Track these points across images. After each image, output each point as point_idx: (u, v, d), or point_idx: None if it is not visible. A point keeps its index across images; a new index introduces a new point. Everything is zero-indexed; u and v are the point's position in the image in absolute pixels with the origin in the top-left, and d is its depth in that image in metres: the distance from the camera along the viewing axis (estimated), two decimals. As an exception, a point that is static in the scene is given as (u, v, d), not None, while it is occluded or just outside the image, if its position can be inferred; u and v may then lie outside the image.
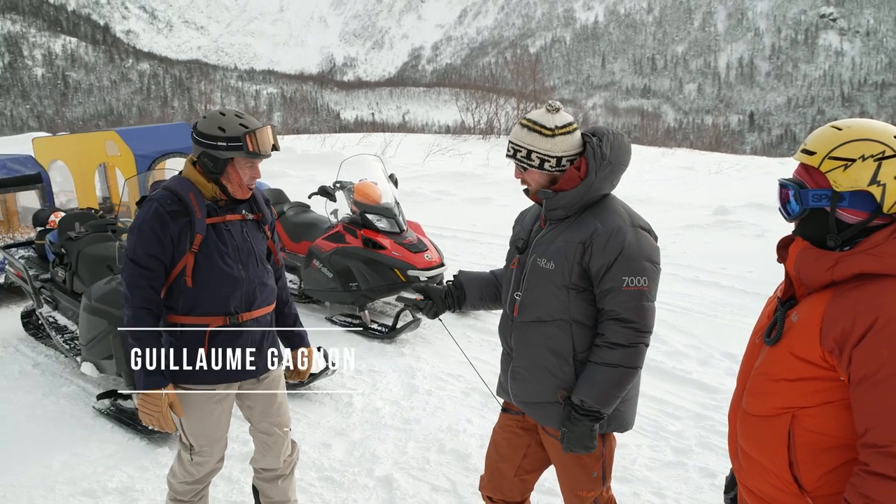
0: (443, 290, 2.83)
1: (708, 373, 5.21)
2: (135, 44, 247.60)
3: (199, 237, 2.77)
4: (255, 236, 2.97)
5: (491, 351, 5.78)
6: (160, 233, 2.73)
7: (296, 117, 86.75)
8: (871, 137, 1.68)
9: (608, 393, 2.38)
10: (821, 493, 1.76)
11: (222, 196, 2.87)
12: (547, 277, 2.46)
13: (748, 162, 19.09)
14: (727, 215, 10.35)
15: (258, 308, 2.94)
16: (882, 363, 1.59)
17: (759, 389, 1.87)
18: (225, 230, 2.86)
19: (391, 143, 20.33)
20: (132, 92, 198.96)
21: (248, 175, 2.86)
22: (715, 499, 3.71)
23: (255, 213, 2.99)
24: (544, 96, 32.27)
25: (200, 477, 3.07)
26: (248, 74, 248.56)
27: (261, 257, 2.97)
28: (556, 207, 2.47)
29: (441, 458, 4.17)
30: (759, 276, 7.30)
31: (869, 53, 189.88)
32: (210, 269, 2.80)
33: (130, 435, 4.50)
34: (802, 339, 1.74)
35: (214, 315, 2.83)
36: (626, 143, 2.52)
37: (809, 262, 1.76)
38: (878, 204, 1.69)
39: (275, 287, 3.07)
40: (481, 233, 9.78)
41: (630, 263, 2.35)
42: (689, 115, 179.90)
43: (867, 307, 1.63)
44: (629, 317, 2.36)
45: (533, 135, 2.43)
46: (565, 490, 2.70)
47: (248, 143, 2.75)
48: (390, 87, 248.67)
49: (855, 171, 1.67)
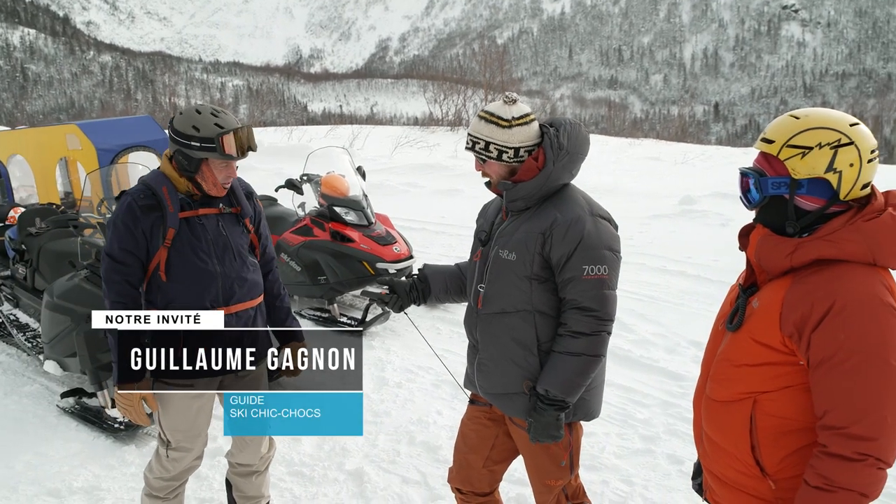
0: (408, 284, 2.83)
1: (675, 361, 5.28)
2: (96, 35, 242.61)
3: (171, 231, 2.77)
4: (232, 230, 2.93)
5: (460, 343, 5.78)
6: (133, 227, 2.74)
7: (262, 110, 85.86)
8: (828, 126, 1.72)
9: (572, 382, 2.41)
10: (782, 475, 1.80)
11: (196, 191, 2.84)
12: (509, 268, 2.48)
13: (713, 152, 19.33)
14: (693, 205, 10.48)
15: (237, 303, 2.89)
16: (839, 346, 1.63)
17: (721, 375, 1.90)
18: (199, 224, 2.84)
19: (359, 136, 20.22)
20: (94, 84, 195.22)
21: (224, 174, 2.82)
22: (682, 485, 3.76)
23: (233, 206, 2.95)
24: (512, 88, 32.33)
25: (176, 473, 3.03)
26: (213, 66, 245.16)
27: (239, 251, 2.92)
28: (516, 199, 2.48)
29: (411, 451, 4.18)
30: (725, 265, 7.40)
31: (830, 44, 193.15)
32: (183, 264, 2.80)
33: (96, 433, 4.43)
34: (763, 325, 1.78)
35: (190, 310, 2.75)
36: (584, 133, 2.53)
37: (769, 248, 1.79)
38: (835, 191, 1.73)
39: (258, 281, 3.01)
40: (450, 224, 9.79)
41: (590, 252, 2.38)
42: (656, 106, 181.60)
43: (825, 292, 1.67)
44: (590, 305, 2.38)
45: (490, 126, 2.45)
46: (534, 479, 2.72)
47: (221, 144, 2.71)
48: (358, 79, 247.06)
49: (812, 158, 1.71)
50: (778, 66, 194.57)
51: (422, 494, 3.77)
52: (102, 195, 5.30)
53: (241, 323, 2.92)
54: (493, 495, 2.90)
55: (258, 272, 3.03)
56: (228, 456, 3.27)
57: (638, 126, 59.70)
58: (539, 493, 2.73)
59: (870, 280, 1.68)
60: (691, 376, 4.94)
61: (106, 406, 4.53)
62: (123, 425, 4.37)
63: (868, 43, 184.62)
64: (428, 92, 30.82)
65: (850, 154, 1.70)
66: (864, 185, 1.75)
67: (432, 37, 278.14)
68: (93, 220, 4.97)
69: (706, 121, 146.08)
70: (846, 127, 1.73)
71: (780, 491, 1.80)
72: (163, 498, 3.08)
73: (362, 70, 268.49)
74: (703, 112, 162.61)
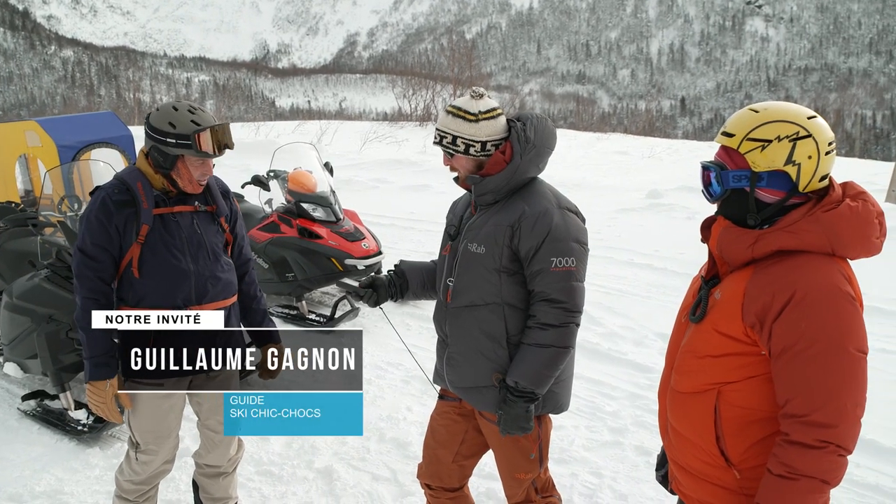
0: (385, 279, 2.81)
1: (642, 353, 5.33)
2: (57, 30, 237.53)
3: (145, 228, 2.74)
4: (207, 228, 2.90)
5: (429, 338, 5.77)
6: (106, 223, 2.71)
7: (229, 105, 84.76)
8: (786, 119, 1.75)
9: (541, 373, 2.42)
10: (746, 465, 1.82)
11: (171, 188, 2.82)
12: (478, 262, 2.49)
13: (679, 146, 19.56)
14: (660, 198, 10.59)
15: (210, 302, 2.86)
16: (800, 335, 1.66)
17: (685, 367, 1.92)
18: (173, 221, 2.81)
19: (327, 131, 20.09)
20: (56, 80, 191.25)
21: (199, 172, 2.79)
22: (650, 476, 3.79)
23: (208, 204, 2.93)
24: (481, 83, 32.34)
25: (146, 477, 2.99)
26: (179, 61, 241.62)
27: (213, 250, 2.89)
28: (485, 192, 2.50)
29: (381, 448, 4.16)
30: (691, 258, 7.48)
31: (793, 39, 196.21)
32: (156, 261, 2.77)
33: (59, 436, 4.34)
34: (725, 316, 1.80)
35: (161, 308, 2.71)
36: (550, 126, 2.55)
37: (731, 240, 1.82)
38: (794, 183, 1.76)
39: (232, 281, 2.97)
40: (419, 220, 9.77)
41: (557, 244, 2.39)
42: (623, 101, 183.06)
43: (785, 282, 1.69)
44: (559, 297, 2.40)
45: (458, 120, 2.46)
46: (503, 473, 2.73)
47: (197, 141, 2.70)
48: (326, 74, 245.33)
49: (771, 151, 1.74)
50: (742, 61, 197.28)
51: (392, 491, 3.75)
52: (63, 193, 5.19)
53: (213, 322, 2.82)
54: (462, 490, 2.90)
55: (233, 272, 3.00)
56: (196, 457, 3.23)
57: (606, 121, 60.11)
58: (509, 487, 2.74)
59: (829, 270, 1.70)
60: (659, 368, 4.96)
61: (69, 408, 4.44)
62: (87, 427, 4.29)
63: (829, 38, 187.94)
64: (397, 87, 30.69)
65: (808, 146, 1.73)
66: (823, 176, 1.78)
67: (401, 32, 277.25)
68: (53, 219, 4.86)
69: (673, 115, 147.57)
70: (804, 120, 1.75)
71: (745, 480, 1.82)
72: (132, 501, 3.03)
73: (330, 65, 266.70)
74: (670, 106, 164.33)
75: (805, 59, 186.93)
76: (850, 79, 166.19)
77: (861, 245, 1.75)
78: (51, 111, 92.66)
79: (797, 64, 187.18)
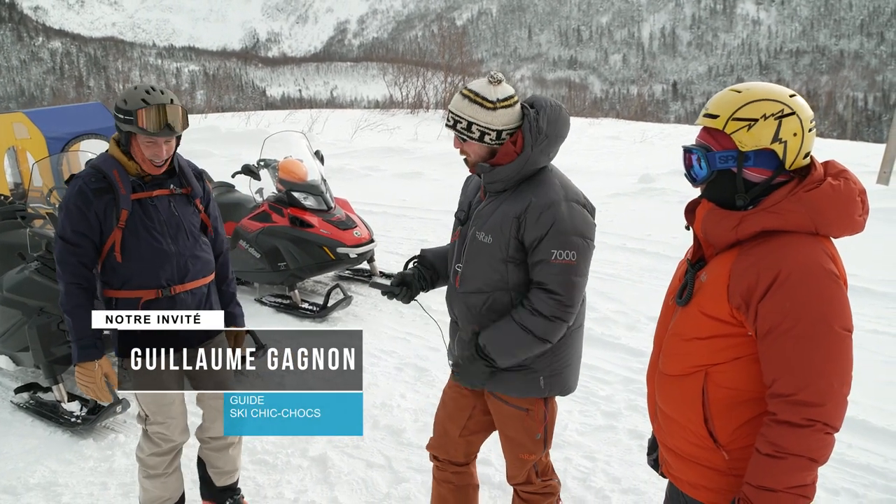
0: (414, 273, 2.82)
1: (635, 337, 5.35)
2: (44, 21, 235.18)
3: (124, 213, 2.83)
4: (184, 210, 2.99)
5: (423, 326, 5.79)
6: (85, 210, 2.80)
7: (220, 95, 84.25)
8: (770, 97, 1.76)
9: (510, 351, 2.47)
10: (735, 446, 1.83)
11: (144, 172, 2.90)
12: (485, 251, 2.50)
13: (671, 130, 19.55)
14: (652, 183, 10.58)
15: (191, 280, 2.99)
16: (785, 315, 1.67)
17: (673, 350, 1.93)
18: (151, 205, 2.90)
19: (318, 120, 19.99)
20: (44, 72, 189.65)
21: (150, 151, 2.83)
22: (644, 459, 3.79)
23: (183, 187, 3.01)
24: (472, 69, 32.23)
25: (166, 447, 3.10)
26: (168, 51, 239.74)
27: (191, 230, 3.00)
28: (494, 181, 2.49)
29: (375, 435, 4.17)
30: (683, 242, 7.46)
31: (784, 22, 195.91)
32: (138, 244, 2.87)
33: (52, 428, 4.34)
34: (711, 298, 1.80)
35: (147, 288, 2.89)
36: (565, 114, 2.52)
37: (715, 222, 1.82)
38: (781, 161, 1.76)
39: (210, 259, 3.09)
40: (411, 208, 9.75)
41: (560, 237, 2.39)
42: (615, 86, 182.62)
43: (769, 262, 1.70)
44: (555, 289, 2.41)
45: (474, 107, 2.42)
46: (508, 454, 2.77)
47: (137, 118, 2.74)
48: (317, 63, 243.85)
49: (758, 130, 1.74)
50: (734, 45, 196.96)
51: (386, 478, 3.76)
52: (52, 184, 5.15)
53: (196, 300, 3.02)
54: (468, 467, 2.94)
55: (210, 251, 3.12)
56: (199, 432, 3.28)
57: (598, 106, 60.06)
58: (512, 467, 2.78)
59: (813, 249, 1.71)
60: (651, 352, 5.01)
61: (62, 400, 4.44)
62: (80, 419, 4.28)
63: (821, 20, 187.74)
64: (388, 75, 30.55)
65: (793, 123, 1.74)
66: (806, 154, 1.78)
67: (391, 19, 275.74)
68: (42, 211, 4.83)
69: (665, 100, 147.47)
70: (786, 98, 1.76)
71: (734, 461, 1.83)
72: (161, 473, 3.13)
73: (321, 53, 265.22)
74: (662, 91, 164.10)
75: (796, 42, 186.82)
76: (842, 61, 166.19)
77: (844, 223, 1.75)
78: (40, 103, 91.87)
79: (788, 47, 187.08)
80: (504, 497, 3.56)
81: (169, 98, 2.83)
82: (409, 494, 3.61)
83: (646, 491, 3.55)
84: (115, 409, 4.22)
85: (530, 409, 2.63)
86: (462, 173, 2.85)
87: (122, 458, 4.01)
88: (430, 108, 23.82)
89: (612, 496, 3.53)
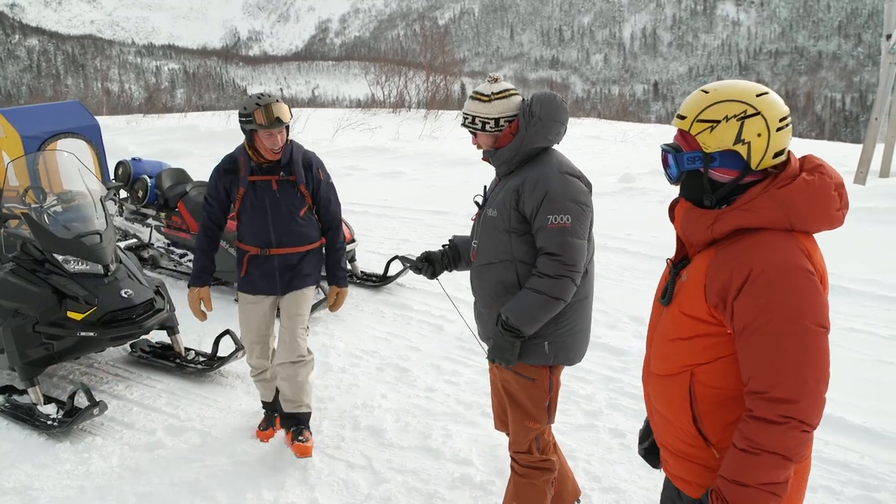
0: (440, 253, 3.16)
1: (616, 336, 5.36)
2: (20, 18, 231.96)
3: (241, 190, 3.79)
4: (286, 193, 3.81)
5: (404, 325, 5.79)
6: (217, 182, 3.86)
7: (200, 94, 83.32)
8: (734, 98, 1.76)
9: (530, 315, 2.67)
10: (724, 444, 1.84)
11: (261, 160, 3.75)
12: (492, 224, 2.80)
13: (652, 130, 19.60)
14: (632, 182, 10.61)
15: (284, 247, 3.84)
16: (759, 311, 1.67)
17: (660, 350, 1.95)
18: (260, 187, 3.78)
19: (299, 119, 19.81)
20: (21, 70, 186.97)
21: (269, 142, 3.68)
22: (624, 458, 3.83)
23: (290, 175, 3.82)
24: (454, 69, 32.22)
25: (254, 362, 4.07)
26: (147, 49, 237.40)
27: (289, 210, 3.83)
28: (500, 163, 2.82)
29: (356, 436, 4.15)
30: (664, 241, 7.52)
31: (763, 23, 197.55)
32: (247, 214, 3.82)
33: (28, 432, 4.28)
34: (690, 298, 1.82)
35: (253, 246, 3.85)
36: (558, 100, 2.79)
37: (692, 221, 1.84)
38: (746, 161, 1.76)
39: (307, 234, 3.90)
40: (393, 207, 9.72)
41: (553, 204, 2.64)
42: (597, 86, 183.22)
43: (743, 260, 1.71)
44: (554, 251, 2.64)
45: (476, 103, 2.80)
46: (514, 422, 2.93)
47: (255, 117, 3.62)
48: (298, 62, 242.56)
49: (720, 131, 1.76)
50: (714, 45, 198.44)
51: (367, 479, 3.75)
52: (28, 184, 5.07)
53: (287, 262, 3.86)
54: None
55: (309, 227, 3.93)
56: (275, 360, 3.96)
57: (579, 105, 60.22)
58: (515, 434, 2.95)
59: (786, 245, 1.71)
60: (632, 351, 5.03)
61: (38, 403, 4.38)
62: (56, 422, 4.22)
63: (799, 21, 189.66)
64: (369, 74, 30.41)
65: (757, 124, 1.74)
66: (778, 153, 1.78)
67: (373, 18, 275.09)
68: (17, 211, 4.75)
69: (646, 100, 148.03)
70: (752, 98, 1.76)
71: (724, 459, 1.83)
72: (255, 377, 4.15)
73: (302, 52, 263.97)
74: (643, 91, 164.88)
75: (775, 43, 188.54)
76: (820, 62, 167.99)
77: (819, 218, 1.75)
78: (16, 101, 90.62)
79: (768, 48, 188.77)
80: (485, 497, 3.56)
81: (275, 99, 3.69)
82: (390, 495, 3.59)
83: (626, 490, 3.56)
84: (93, 411, 4.17)
85: (536, 378, 2.84)
86: (443, 174, 2.91)
87: (100, 461, 3.97)
88: (412, 108, 23.72)
89: (592, 495, 3.53)
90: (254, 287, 3.90)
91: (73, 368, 5.13)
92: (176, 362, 5.04)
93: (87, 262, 4.42)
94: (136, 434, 4.26)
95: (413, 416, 4.35)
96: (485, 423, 4.13)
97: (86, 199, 4.75)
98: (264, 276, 3.86)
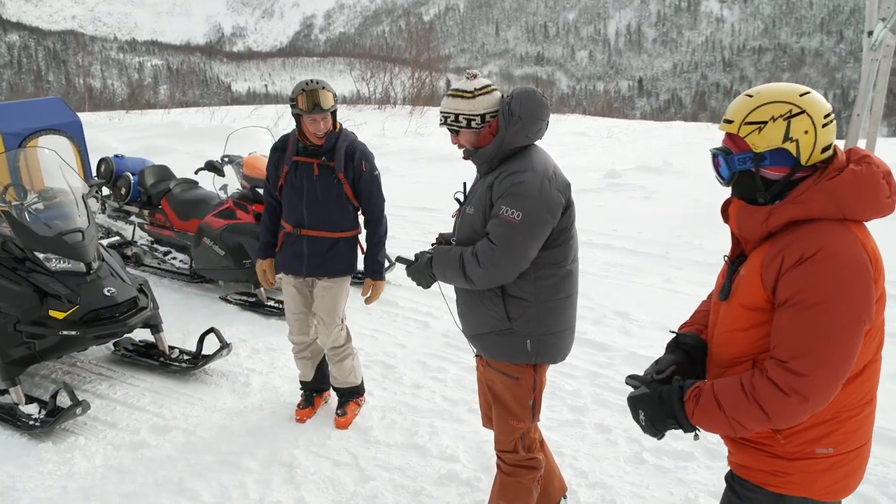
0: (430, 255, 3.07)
1: (601, 332, 5.38)
2: (1, 13, 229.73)
3: (286, 168, 3.95)
4: (324, 178, 3.92)
5: (390, 323, 5.77)
6: (273, 158, 4.05)
7: (184, 90, 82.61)
8: (778, 99, 1.85)
9: (443, 269, 2.76)
10: (789, 430, 1.91)
11: (306, 142, 3.90)
12: (469, 221, 2.77)
13: (637, 126, 19.69)
14: (618, 178, 10.66)
15: (313, 229, 3.96)
16: (799, 290, 1.76)
17: (720, 342, 2.04)
18: (302, 167, 3.92)
19: (284, 115, 19.74)
20: (1, 66, 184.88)
21: (313, 127, 3.81)
22: (610, 454, 3.84)
23: (330, 160, 3.91)
24: (440, 65, 32.15)
25: (294, 339, 4.28)
26: (130, 45, 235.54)
27: (324, 194, 3.93)
28: (481, 163, 2.78)
29: (342, 433, 4.14)
30: (648, 237, 7.56)
31: (747, 20, 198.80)
32: (286, 192, 3.98)
33: (10, 432, 4.23)
34: (748, 289, 1.90)
35: (288, 223, 4.01)
36: (538, 97, 2.74)
37: (746, 218, 1.94)
38: (796, 158, 1.86)
39: (338, 221, 4.00)
40: (379, 204, 9.69)
41: (512, 198, 2.60)
42: (582, 82, 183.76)
43: (797, 245, 1.79)
44: (494, 239, 2.61)
45: (457, 100, 2.73)
46: (499, 421, 2.93)
47: (297, 102, 3.76)
48: (283, 58, 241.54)
49: (768, 131, 1.85)
50: (698, 42, 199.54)
51: (353, 476, 3.74)
52: (9, 181, 5.01)
53: (315, 245, 3.98)
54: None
55: (342, 214, 4.01)
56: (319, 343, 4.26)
57: (565, 102, 60.40)
58: (500, 433, 2.93)
59: (840, 233, 1.78)
60: (617, 347, 5.04)
61: (19, 403, 4.33)
62: (39, 422, 4.18)
63: (782, 18, 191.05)
64: (355, 70, 30.31)
65: (803, 122, 1.82)
66: (825, 147, 1.86)
67: (358, 14, 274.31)
68: (-3, 209, 4.69)
69: (631, 96, 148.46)
70: (796, 97, 1.85)
71: (790, 445, 1.92)
72: (295, 353, 4.36)
73: (287, 48, 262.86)
74: (628, 87, 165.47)
75: (759, 40, 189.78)
76: (803, 58, 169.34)
77: (870, 206, 1.83)
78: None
79: (751, 44, 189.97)
80: (472, 494, 3.55)
81: (321, 86, 3.80)
82: (377, 493, 3.59)
83: (613, 485, 3.57)
84: (75, 410, 4.13)
85: (520, 377, 2.82)
86: (429, 170, 2.89)
87: (83, 461, 3.93)
88: (398, 104, 23.69)
89: (578, 490, 3.54)
90: (284, 264, 4.09)
91: (56, 368, 5.08)
92: (160, 361, 5.00)
93: (68, 260, 4.37)
94: (119, 433, 4.22)
95: (399, 413, 4.34)
96: (471, 420, 4.13)
97: (67, 196, 4.70)
98: (294, 255, 4.01)
